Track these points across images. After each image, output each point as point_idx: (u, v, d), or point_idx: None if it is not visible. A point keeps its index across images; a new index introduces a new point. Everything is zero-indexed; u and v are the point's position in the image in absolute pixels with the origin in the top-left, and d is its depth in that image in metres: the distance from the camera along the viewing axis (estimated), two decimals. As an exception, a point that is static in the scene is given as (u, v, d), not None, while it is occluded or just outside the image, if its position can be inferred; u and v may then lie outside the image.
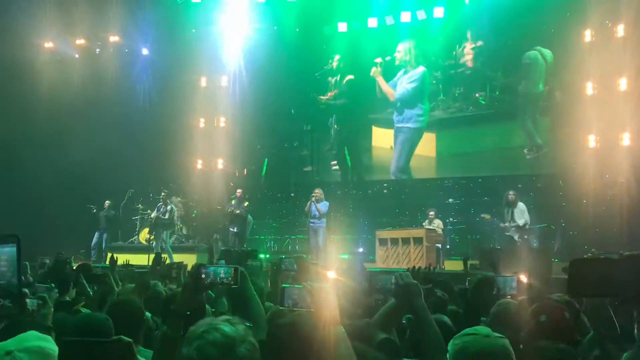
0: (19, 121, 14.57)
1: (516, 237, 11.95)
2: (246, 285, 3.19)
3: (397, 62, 16.56)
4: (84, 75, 16.08)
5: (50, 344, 1.65)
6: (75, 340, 1.63)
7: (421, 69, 16.35)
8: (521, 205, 12.09)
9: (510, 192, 12.24)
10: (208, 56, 16.16)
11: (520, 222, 11.92)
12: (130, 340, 1.53)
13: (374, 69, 16.46)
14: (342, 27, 16.57)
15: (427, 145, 16.32)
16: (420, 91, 16.50)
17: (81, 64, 16.40)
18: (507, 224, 12.05)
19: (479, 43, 15.79)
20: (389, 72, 16.59)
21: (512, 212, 12.04)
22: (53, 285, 4.37)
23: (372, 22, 16.41)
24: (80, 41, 16.54)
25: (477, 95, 15.98)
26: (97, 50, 16.94)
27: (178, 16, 16.19)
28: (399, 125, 16.66)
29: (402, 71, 16.47)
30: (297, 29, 16.41)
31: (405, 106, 16.67)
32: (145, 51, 17.02)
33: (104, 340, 1.54)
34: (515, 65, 15.07)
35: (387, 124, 16.85)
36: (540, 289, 4.70)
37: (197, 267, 2.65)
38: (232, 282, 2.69)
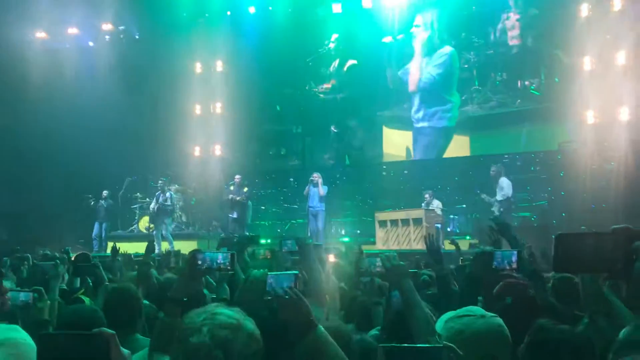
0: (14, 112, 14.51)
1: (496, 212, 11.97)
2: (236, 270, 3.18)
3: (415, 42, 13.62)
4: (77, 63, 15.98)
5: (19, 334, 1.62)
6: (54, 333, 1.59)
7: (448, 49, 13.27)
8: (503, 180, 11.97)
9: (492, 167, 12.17)
10: (202, 41, 16.00)
11: (498, 197, 11.90)
12: (113, 332, 1.49)
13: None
14: (337, 8, 15.29)
15: (459, 152, 13.73)
16: (448, 79, 13.32)
17: (74, 53, 16.27)
18: (484, 196, 12.11)
19: (530, 12, 12.43)
20: (403, 56, 13.94)
21: (496, 187, 12.04)
22: (58, 261, 4.35)
23: (367, 2, 14.75)
24: (73, 30, 16.40)
25: (527, 83, 12.75)
26: (90, 38, 16.80)
27: (170, 1, 15.99)
28: (419, 124, 13.75)
29: (419, 51, 13.53)
30: (290, 10, 15.41)
31: (427, 99, 13.59)
32: (137, 37, 16.91)
33: (84, 333, 1.50)
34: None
35: (404, 123, 14.14)
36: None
37: (193, 253, 2.63)
38: (228, 268, 2.68)
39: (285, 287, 2.16)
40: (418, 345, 1.82)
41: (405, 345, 1.73)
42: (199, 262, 2.60)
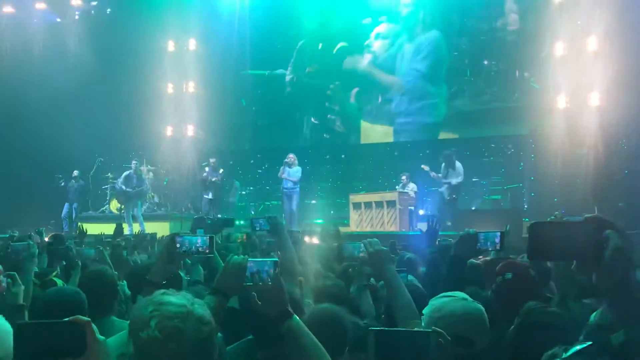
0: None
1: (446, 195, 12.07)
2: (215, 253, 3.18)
3: (400, 24, 12.63)
4: (45, 40, 15.56)
5: None
6: (31, 323, 1.58)
7: (434, 34, 12.14)
8: (459, 165, 12.02)
9: (446, 151, 12.20)
10: (175, 19, 15.70)
11: (454, 180, 11.94)
12: (88, 319, 1.48)
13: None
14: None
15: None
16: (435, 70, 12.22)
17: (42, 29, 15.84)
18: (437, 174, 12.13)
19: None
20: (385, 41, 13.01)
21: (448, 171, 11.98)
22: (31, 242, 4.27)
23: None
24: (41, 5, 15.95)
25: (526, 74, 11.51)
26: (59, 14, 16.36)
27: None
28: (401, 120, 12.85)
29: (403, 36, 12.44)
30: None
31: (412, 95, 12.58)
32: (108, 13, 16.55)
33: (59, 322, 1.49)
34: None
35: (383, 117, 13.35)
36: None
37: (172, 237, 2.61)
38: (207, 251, 2.67)
39: (266, 273, 2.17)
40: (407, 329, 1.84)
41: (395, 329, 1.75)
42: (178, 246, 2.59)
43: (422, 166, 12.49)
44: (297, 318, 2.02)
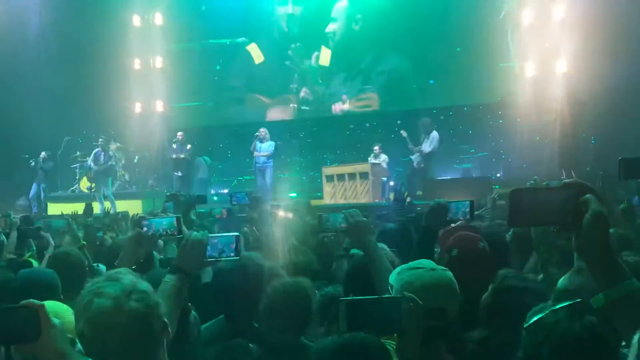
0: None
1: (415, 163, 12.33)
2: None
3: None
4: (6, 19, 15.01)
5: None
6: None
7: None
8: (435, 134, 12.32)
9: (425, 119, 12.65)
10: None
11: (427, 149, 12.22)
12: (42, 304, 1.45)
13: None
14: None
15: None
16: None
17: (2, 7, 15.28)
18: (413, 147, 12.44)
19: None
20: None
21: (423, 138, 12.37)
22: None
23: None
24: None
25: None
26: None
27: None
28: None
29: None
30: None
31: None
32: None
33: (10, 307, 1.44)
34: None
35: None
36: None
37: (138, 220, 2.57)
38: (175, 233, 2.62)
39: (228, 248, 2.18)
40: (377, 297, 1.85)
41: (365, 297, 1.75)
42: (145, 229, 2.54)
43: (401, 132, 12.67)
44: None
